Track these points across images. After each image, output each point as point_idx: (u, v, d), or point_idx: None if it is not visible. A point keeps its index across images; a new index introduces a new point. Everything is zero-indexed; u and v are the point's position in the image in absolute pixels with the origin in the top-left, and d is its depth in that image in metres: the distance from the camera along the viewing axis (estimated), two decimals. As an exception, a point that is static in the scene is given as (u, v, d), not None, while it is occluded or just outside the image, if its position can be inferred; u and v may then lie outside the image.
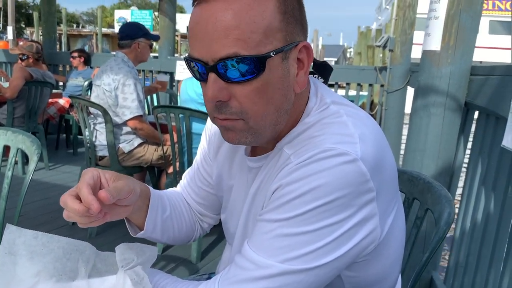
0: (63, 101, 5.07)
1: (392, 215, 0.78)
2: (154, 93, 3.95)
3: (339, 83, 4.77)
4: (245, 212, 0.87)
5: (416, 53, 3.13)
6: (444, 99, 1.96)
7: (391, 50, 4.19)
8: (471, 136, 2.04)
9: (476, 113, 1.96)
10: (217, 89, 0.70)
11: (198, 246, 2.61)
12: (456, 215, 2.05)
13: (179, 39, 25.67)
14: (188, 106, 2.70)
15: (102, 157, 2.91)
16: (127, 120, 2.79)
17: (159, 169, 3.22)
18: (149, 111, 4.49)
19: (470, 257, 1.80)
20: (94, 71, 5.53)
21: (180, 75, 4.74)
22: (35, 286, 0.76)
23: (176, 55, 6.17)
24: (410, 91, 3.17)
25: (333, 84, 4.76)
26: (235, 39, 0.67)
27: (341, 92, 5.42)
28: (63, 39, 23.23)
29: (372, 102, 9.82)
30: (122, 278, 0.76)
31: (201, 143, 1.07)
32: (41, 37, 6.30)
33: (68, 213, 0.72)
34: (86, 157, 3.00)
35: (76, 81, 5.56)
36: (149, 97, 4.64)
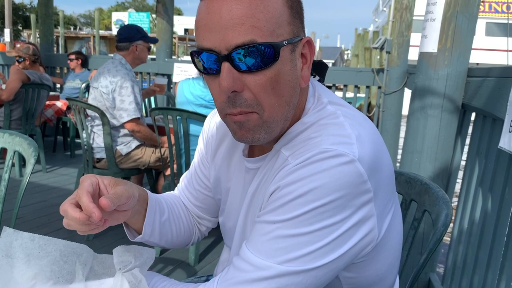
0: (60, 104, 5.07)
1: (390, 216, 0.78)
2: (152, 95, 3.95)
3: (337, 85, 4.77)
4: (243, 214, 0.87)
5: (413, 55, 3.14)
6: (441, 100, 1.97)
7: (388, 52, 4.20)
8: (468, 138, 2.04)
9: (473, 115, 1.97)
10: (231, 78, 0.70)
11: (196, 248, 2.60)
12: (454, 216, 2.05)
13: (176, 41, 25.68)
14: (185, 107, 2.70)
15: (99, 159, 2.91)
16: (125, 123, 2.78)
17: (156, 171, 3.22)
18: (146, 113, 4.50)
19: (468, 258, 1.80)
20: (92, 73, 5.53)
21: (177, 77, 4.73)
22: (32, 289, 0.76)
23: (174, 57, 6.16)
24: (408, 93, 3.17)
25: (331, 86, 4.76)
26: (251, 26, 0.68)
27: (339, 94, 5.41)
28: (61, 41, 23.20)
29: (369, 104, 9.82)
30: (119, 280, 0.76)
31: (198, 145, 1.07)
32: (38, 39, 6.28)
33: (68, 221, 0.72)
34: (83, 159, 3.00)
35: (74, 84, 5.56)
36: (146, 99, 4.64)
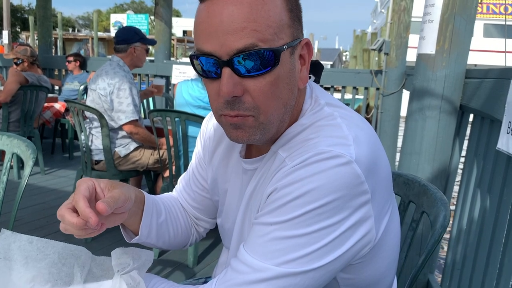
0: (58, 105, 5.06)
1: (387, 217, 0.78)
2: (150, 97, 3.95)
3: (335, 87, 4.77)
4: (240, 215, 0.87)
5: (411, 56, 3.14)
6: (439, 102, 1.97)
7: (386, 54, 4.21)
8: (466, 139, 2.05)
9: (471, 116, 1.97)
10: (232, 84, 0.70)
11: (194, 250, 2.60)
12: (452, 217, 2.05)
13: (175, 43, 25.70)
14: (184, 109, 2.70)
15: (98, 161, 2.90)
16: (123, 125, 2.78)
17: (155, 173, 3.21)
18: (145, 115, 4.49)
19: (467, 259, 1.80)
20: (90, 75, 5.52)
21: (176, 79, 4.74)
22: (30, 291, 0.76)
23: (172, 59, 6.17)
24: (406, 94, 3.18)
25: (329, 87, 4.77)
26: (252, 30, 0.68)
27: (337, 95, 5.43)
28: (59, 43, 23.21)
29: (368, 106, 9.83)
30: (118, 282, 0.76)
31: (196, 147, 1.07)
32: (37, 41, 6.27)
33: (65, 226, 0.72)
34: (82, 161, 2.99)
35: (72, 85, 5.55)
36: (145, 101, 4.64)
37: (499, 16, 17.60)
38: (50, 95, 4.80)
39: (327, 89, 4.96)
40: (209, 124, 1.04)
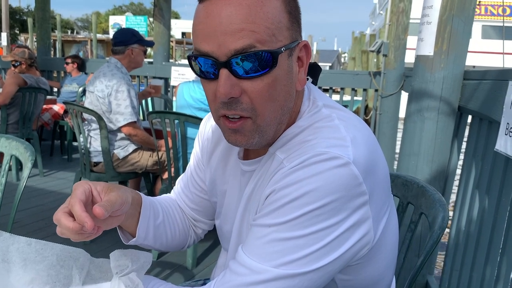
0: (57, 107, 5.06)
1: (385, 218, 0.78)
2: (148, 97, 3.94)
3: (334, 88, 4.78)
4: (239, 217, 0.87)
5: (410, 57, 3.15)
6: (438, 103, 1.98)
7: (385, 55, 4.22)
8: (465, 140, 2.05)
9: (470, 117, 1.97)
10: (229, 85, 0.71)
11: (193, 252, 2.60)
12: (451, 218, 2.06)
13: (174, 44, 25.71)
14: (185, 111, 2.70)
15: (96, 163, 2.90)
16: (121, 127, 2.78)
17: (154, 175, 3.21)
18: (144, 116, 4.49)
19: (465, 261, 1.80)
20: (89, 77, 5.52)
21: (175, 81, 4.74)
22: (29, 293, 0.75)
23: (171, 60, 6.17)
24: (404, 96, 3.19)
25: (328, 89, 4.77)
26: (250, 31, 0.68)
27: (336, 97, 5.44)
28: (58, 45, 23.19)
29: (366, 107, 9.84)
30: (116, 285, 0.76)
31: (194, 149, 1.07)
32: (35, 43, 6.28)
33: (61, 230, 0.72)
34: (80, 163, 2.99)
35: (71, 87, 5.55)
36: (144, 103, 4.64)
37: (497, 17, 17.65)
38: (48, 97, 4.80)
39: (325, 90, 4.97)
40: (207, 125, 1.04)
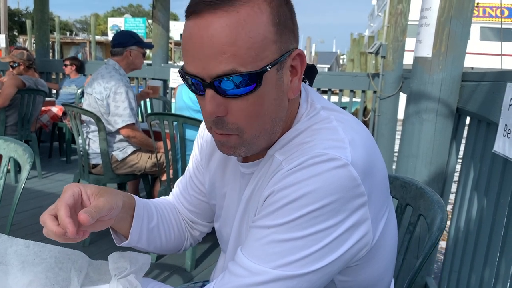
0: (56, 109, 5.06)
1: (384, 219, 0.78)
2: (147, 98, 3.94)
3: (332, 90, 4.79)
4: (238, 219, 0.87)
5: (408, 59, 3.15)
6: (436, 105, 1.98)
7: (383, 57, 4.22)
8: (463, 142, 2.05)
9: (468, 119, 1.98)
10: (215, 105, 0.71)
11: (192, 254, 2.60)
12: (449, 220, 2.06)
13: (172, 46, 25.71)
14: (184, 113, 2.70)
15: (95, 165, 2.90)
16: (120, 128, 2.78)
17: (152, 177, 3.21)
18: (142, 118, 4.49)
19: (464, 262, 1.80)
20: (87, 79, 5.52)
21: (174, 82, 4.74)
22: (27, 296, 0.75)
23: (170, 62, 6.17)
24: (403, 97, 3.19)
25: (326, 90, 4.78)
26: (232, 55, 0.67)
27: (334, 98, 5.45)
28: (56, 47, 23.19)
29: (365, 109, 9.87)
30: (115, 287, 0.76)
31: (193, 151, 1.07)
32: (34, 45, 6.27)
33: (46, 231, 0.72)
34: (79, 165, 2.99)
35: (69, 89, 5.55)
36: (142, 104, 4.64)
37: (495, 19, 17.70)
38: (47, 98, 4.80)
39: (324, 92, 4.98)
40: (206, 127, 1.04)
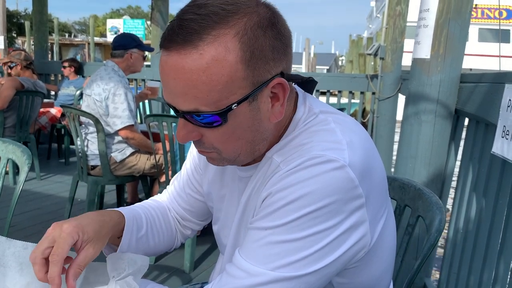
0: (54, 111, 5.05)
1: (382, 221, 0.78)
2: (145, 99, 3.94)
3: (331, 91, 4.80)
4: (236, 222, 0.87)
5: (406, 60, 3.16)
6: (435, 106, 1.98)
7: (382, 58, 4.23)
8: (462, 143, 2.05)
9: (467, 120, 1.98)
10: (186, 131, 0.74)
11: (191, 255, 2.59)
12: (448, 221, 2.06)
13: (171, 48, 25.64)
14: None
15: (94, 167, 2.89)
16: (118, 130, 2.78)
17: (151, 178, 3.21)
18: (141, 120, 4.49)
19: (463, 263, 1.80)
20: (86, 80, 5.51)
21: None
22: (25, 297, 0.75)
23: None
24: (402, 99, 3.19)
25: (325, 92, 4.78)
26: (193, 97, 0.68)
27: (333, 100, 5.45)
28: (55, 49, 23.19)
29: (364, 110, 9.86)
30: (113, 288, 0.75)
31: (191, 152, 1.07)
32: (33, 46, 6.27)
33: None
34: (77, 166, 2.98)
35: (68, 91, 5.54)
36: (141, 106, 4.64)
37: (494, 20, 17.74)
38: (46, 100, 4.79)
39: (323, 93, 4.98)
40: None
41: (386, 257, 0.84)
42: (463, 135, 2.03)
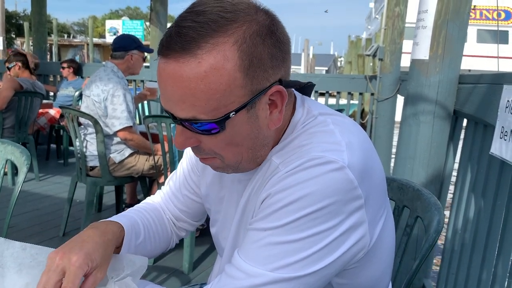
0: (53, 112, 5.05)
1: (381, 222, 0.78)
2: (144, 100, 3.94)
3: (330, 92, 4.80)
4: (236, 223, 0.87)
5: (405, 61, 3.16)
6: (433, 107, 1.99)
7: (380, 59, 4.23)
8: (460, 144, 2.06)
9: (465, 121, 1.98)
10: (184, 138, 0.74)
11: (190, 256, 2.59)
12: (447, 222, 2.06)
13: (170, 48, 25.65)
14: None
15: (92, 168, 2.89)
16: (117, 131, 2.78)
17: (150, 179, 3.20)
18: (140, 120, 4.49)
19: (461, 264, 1.81)
20: (85, 81, 5.51)
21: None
22: (24, 298, 0.75)
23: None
24: (400, 100, 3.20)
25: (324, 93, 4.78)
26: (191, 105, 0.68)
27: (332, 100, 5.45)
28: (54, 49, 23.17)
29: (362, 111, 9.87)
30: (112, 289, 0.75)
31: (188, 153, 1.07)
32: (32, 47, 6.26)
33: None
34: (76, 167, 2.98)
35: (67, 91, 5.54)
36: (140, 107, 4.63)
37: (492, 21, 17.78)
38: (45, 101, 4.79)
39: (322, 94, 4.98)
40: None
41: (385, 257, 0.84)
42: (462, 136, 2.04)
